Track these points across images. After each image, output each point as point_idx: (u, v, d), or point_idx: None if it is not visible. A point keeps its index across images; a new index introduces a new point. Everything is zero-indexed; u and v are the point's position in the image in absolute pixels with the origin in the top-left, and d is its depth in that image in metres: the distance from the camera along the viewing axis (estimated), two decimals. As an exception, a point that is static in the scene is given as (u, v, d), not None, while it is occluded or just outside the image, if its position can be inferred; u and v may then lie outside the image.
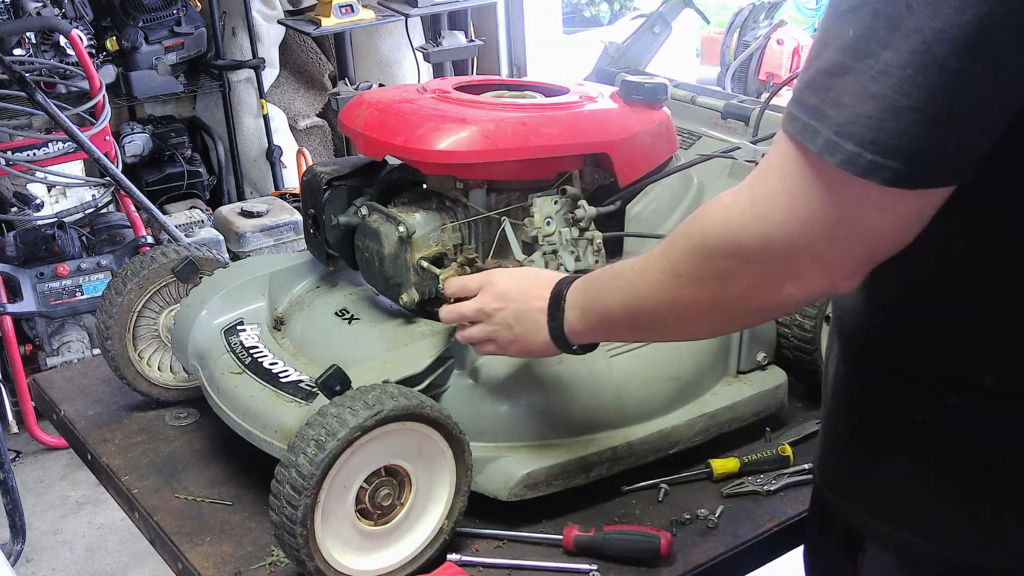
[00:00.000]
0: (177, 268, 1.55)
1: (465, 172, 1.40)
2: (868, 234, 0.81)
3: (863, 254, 0.83)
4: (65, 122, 3.18)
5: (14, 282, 3.25)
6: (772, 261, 0.84)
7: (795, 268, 0.84)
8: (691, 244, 0.91)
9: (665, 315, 0.99)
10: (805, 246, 0.82)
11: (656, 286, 0.97)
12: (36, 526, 3.09)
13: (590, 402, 1.36)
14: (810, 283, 0.84)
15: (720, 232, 0.87)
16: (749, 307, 0.90)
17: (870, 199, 0.78)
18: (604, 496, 1.37)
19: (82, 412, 1.64)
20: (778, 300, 0.87)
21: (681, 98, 1.74)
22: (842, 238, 0.81)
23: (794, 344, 1.52)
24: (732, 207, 0.86)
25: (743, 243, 0.85)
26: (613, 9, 7.91)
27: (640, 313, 1.02)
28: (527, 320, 1.18)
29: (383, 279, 1.40)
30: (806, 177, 0.80)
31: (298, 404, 1.29)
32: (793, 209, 0.81)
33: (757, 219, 0.84)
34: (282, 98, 4.54)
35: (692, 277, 0.92)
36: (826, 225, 0.81)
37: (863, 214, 0.79)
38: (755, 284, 0.86)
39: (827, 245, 0.81)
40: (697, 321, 0.97)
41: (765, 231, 0.83)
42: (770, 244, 0.83)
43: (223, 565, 1.28)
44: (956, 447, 0.94)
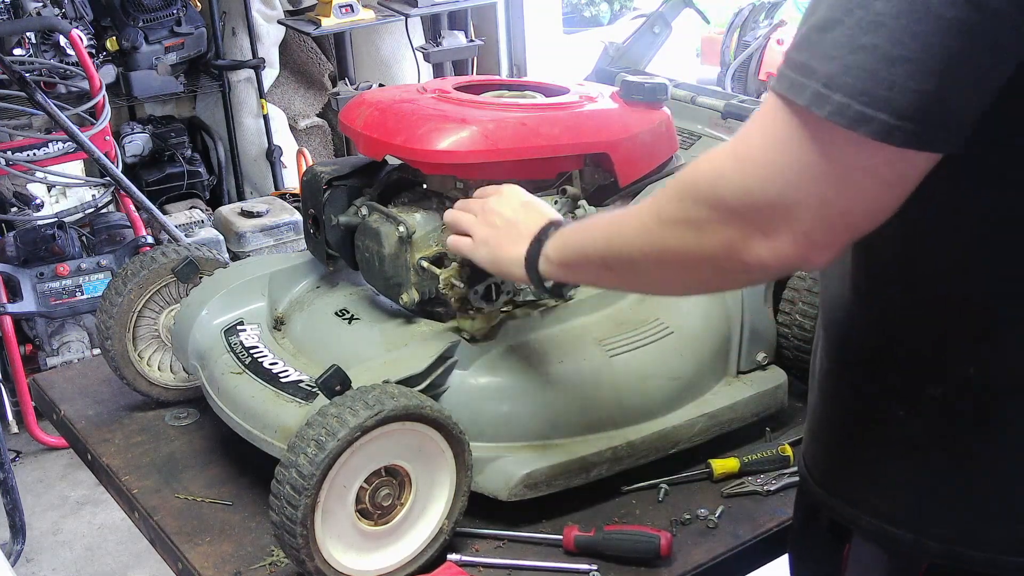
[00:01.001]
0: (177, 268, 1.55)
1: (465, 172, 1.40)
2: (848, 197, 0.79)
3: (840, 221, 0.81)
4: (65, 122, 3.18)
5: (14, 282, 3.25)
6: (748, 216, 0.83)
7: (770, 226, 0.82)
8: (676, 190, 0.91)
9: (639, 260, 0.97)
10: (783, 203, 0.80)
11: (637, 227, 0.96)
12: (36, 526, 3.09)
13: (590, 402, 1.36)
14: (782, 246, 0.82)
15: (703, 181, 0.87)
16: (718, 264, 0.88)
17: (855, 155, 0.77)
18: (604, 496, 1.37)
19: (82, 412, 1.64)
20: (747, 261, 0.84)
21: (681, 98, 1.74)
22: (821, 199, 0.79)
23: (794, 344, 1.52)
24: (717, 158, 0.86)
25: (723, 194, 0.84)
26: (613, 9, 7.91)
27: (615, 252, 1.01)
28: (512, 231, 1.18)
29: (383, 279, 1.40)
30: (792, 132, 0.79)
31: (298, 404, 1.29)
32: (775, 164, 0.80)
33: (738, 172, 0.83)
34: (282, 98, 4.53)
35: (671, 223, 0.90)
36: (807, 182, 0.79)
37: (846, 172, 0.78)
38: (728, 239, 0.85)
39: (805, 205, 0.80)
40: (668, 271, 0.96)
41: (745, 184, 0.82)
42: (748, 197, 0.82)
43: (223, 565, 1.28)
44: (932, 438, 0.94)
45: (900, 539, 0.97)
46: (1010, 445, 0.91)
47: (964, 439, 0.93)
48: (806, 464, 1.10)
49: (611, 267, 1.04)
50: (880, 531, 0.99)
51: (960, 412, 0.92)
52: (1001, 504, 0.93)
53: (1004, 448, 0.92)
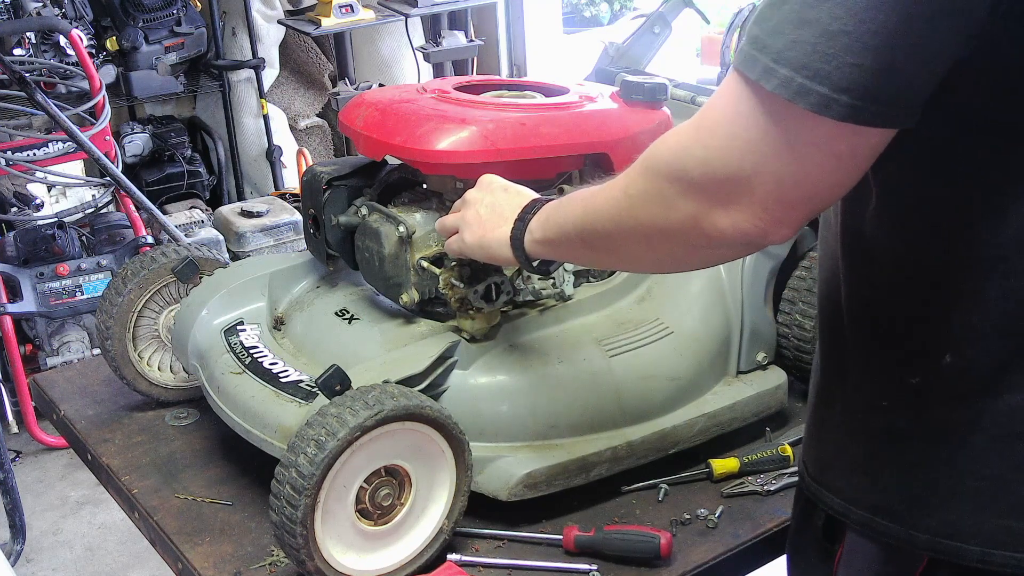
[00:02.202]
0: (177, 268, 1.55)
1: (465, 172, 1.40)
2: (799, 170, 0.81)
3: (795, 194, 0.82)
4: (65, 122, 3.18)
5: (14, 282, 3.25)
6: (709, 188, 0.85)
7: (729, 199, 0.84)
8: (643, 166, 0.93)
9: (613, 234, 0.99)
10: (741, 175, 0.82)
11: (610, 203, 0.98)
12: (36, 526, 3.09)
13: (590, 402, 1.36)
14: (741, 218, 0.84)
15: (667, 156, 0.89)
16: (685, 237, 0.90)
17: (801, 129, 0.79)
18: (604, 496, 1.37)
19: (82, 412, 1.64)
20: (709, 234, 0.86)
21: (681, 98, 1.74)
22: (775, 171, 0.81)
23: (794, 344, 1.52)
24: (681, 132, 0.88)
25: (685, 167, 0.86)
26: (613, 9, 7.91)
27: (591, 229, 1.03)
28: (497, 214, 1.20)
29: (383, 279, 1.40)
30: (747, 106, 0.81)
31: (298, 404, 1.29)
32: (733, 137, 0.82)
33: (699, 144, 0.85)
34: (282, 98, 4.54)
35: (640, 198, 0.93)
36: (761, 155, 0.81)
37: (795, 146, 0.80)
38: (692, 212, 0.86)
39: (760, 177, 0.81)
40: (639, 246, 0.98)
41: (706, 156, 0.84)
42: (709, 170, 0.84)
43: (223, 565, 1.28)
44: (916, 429, 0.95)
45: (891, 533, 0.97)
46: (994, 436, 0.91)
47: (947, 429, 0.93)
48: (804, 460, 1.10)
49: (589, 243, 1.05)
50: (871, 524, 0.98)
51: (941, 401, 0.93)
52: (989, 496, 0.92)
53: (988, 439, 0.91)
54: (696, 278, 1.47)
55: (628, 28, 2.08)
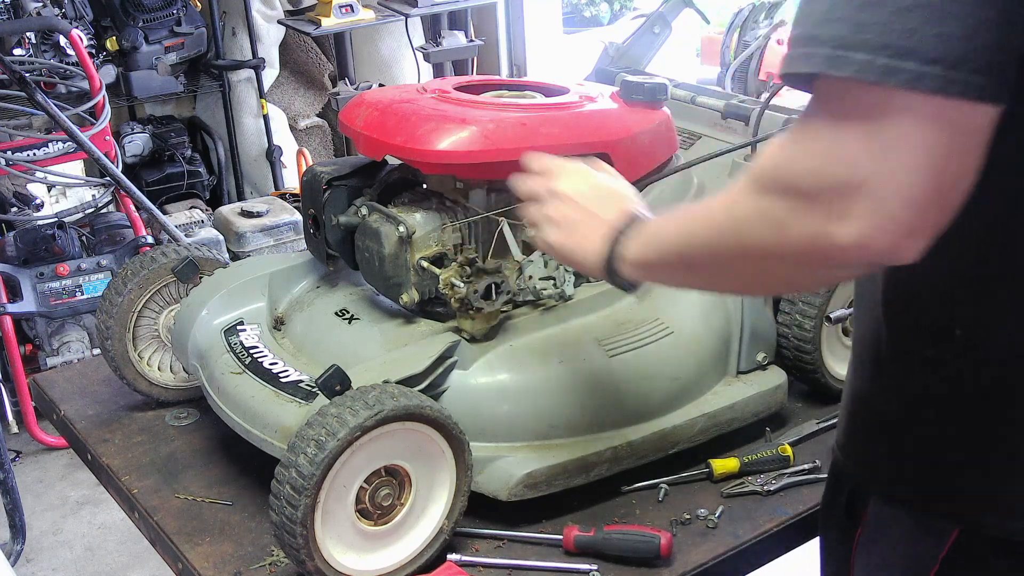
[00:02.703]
0: (177, 268, 1.55)
1: (465, 172, 1.40)
2: (908, 164, 0.74)
3: (917, 194, 0.75)
4: (65, 122, 3.18)
5: (14, 282, 3.25)
6: (824, 198, 0.78)
7: (848, 207, 0.76)
8: (748, 184, 0.86)
9: (717, 257, 0.93)
10: (853, 180, 0.76)
11: (713, 225, 0.91)
12: (36, 526, 3.09)
13: (590, 402, 1.36)
14: (866, 229, 0.76)
15: (773, 170, 0.83)
16: (803, 259, 0.83)
17: (899, 113, 0.74)
18: (604, 496, 1.37)
19: (82, 412, 1.63)
20: (828, 253, 0.79)
21: (681, 98, 1.74)
22: (886, 169, 0.75)
23: (794, 344, 1.52)
24: (784, 145, 0.82)
25: (794, 180, 0.80)
26: (613, 9, 7.91)
27: (693, 251, 0.96)
28: (589, 226, 1.11)
29: (383, 279, 1.40)
30: (841, 105, 0.77)
31: (298, 404, 1.29)
32: (841, 143, 0.77)
33: (806, 153, 0.79)
34: (282, 98, 4.54)
35: (747, 220, 0.86)
36: (866, 153, 0.75)
37: (894, 136, 0.74)
38: (810, 231, 0.79)
39: (875, 178, 0.75)
40: (750, 270, 0.91)
41: (814, 165, 0.78)
42: (818, 179, 0.78)
43: (223, 565, 1.28)
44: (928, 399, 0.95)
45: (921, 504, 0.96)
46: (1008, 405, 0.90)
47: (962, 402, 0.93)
48: (837, 444, 1.08)
49: (691, 268, 0.99)
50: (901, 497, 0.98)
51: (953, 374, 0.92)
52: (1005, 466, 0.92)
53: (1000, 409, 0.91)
54: (696, 278, 1.47)
55: (628, 28, 2.08)
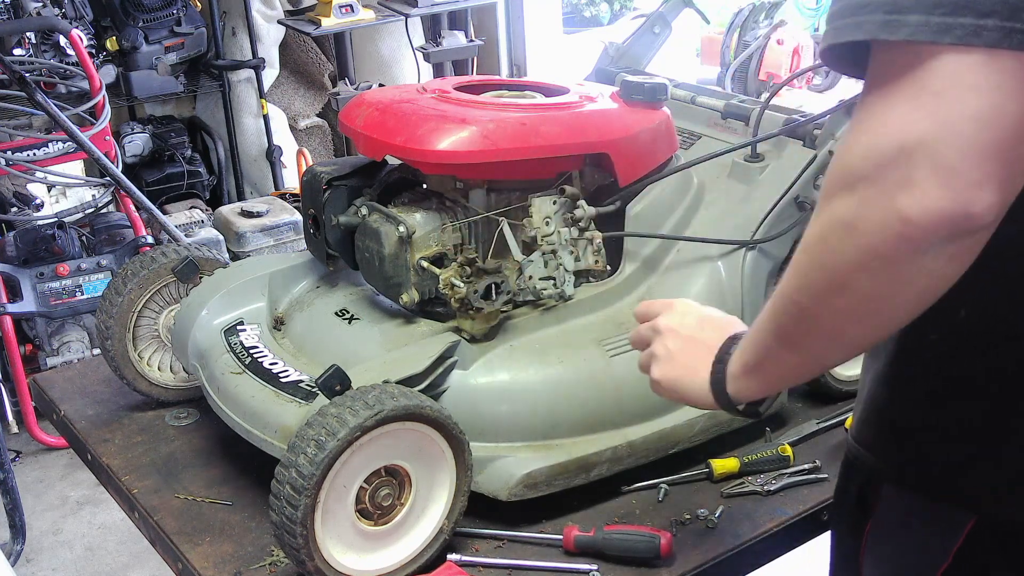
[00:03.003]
0: (177, 268, 1.55)
1: (465, 172, 1.40)
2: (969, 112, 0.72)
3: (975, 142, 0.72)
4: (65, 122, 3.18)
5: (14, 282, 3.25)
6: (880, 177, 0.74)
7: (906, 178, 0.73)
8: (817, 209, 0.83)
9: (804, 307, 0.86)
10: (908, 145, 0.73)
11: (791, 278, 0.86)
12: (36, 526, 3.09)
13: (590, 402, 1.36)
14: (929, 195, 0.72)
15: (834, 169, 0.80)
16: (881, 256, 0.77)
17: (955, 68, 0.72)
18: (604, 496, 1.37)
19: (82, 412, 1.64)
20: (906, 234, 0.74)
21: (681, 98, 1.74)
22: (943, 127, 0.72)
23: (794, 344, 1.52)
24: (843, 140, 0.80)
25: (852, 168, 0.77)
26: (613, 9, 7.92)
27: (783, 317, 0.90)
28: (691, 353, 1.08)
29: (383, 279, 1.40)
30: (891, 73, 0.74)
31: (298, 404, 1.29)
32: (892, 110, 0.74)
33: (863, 134, 0.77)
34: (282, 98, 4.54)
35: (819, 242, 0.81)
36: (921, 115, 0.72)
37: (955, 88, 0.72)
38: (876, 218, 0.75)
39: (930, 139, 0.72)
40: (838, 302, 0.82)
41: (870, 142, 0.76)
42: (873, 155, 0.75)
43: (223, 565, 1.28)
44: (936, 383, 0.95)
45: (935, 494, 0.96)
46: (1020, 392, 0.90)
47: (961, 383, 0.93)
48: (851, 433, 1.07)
49: (788, 341, 0.92)
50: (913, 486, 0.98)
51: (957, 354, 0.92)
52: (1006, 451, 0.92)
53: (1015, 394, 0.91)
54: (696, 278, 1.47)
55: (628, 28, 2.08)
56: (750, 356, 0.99)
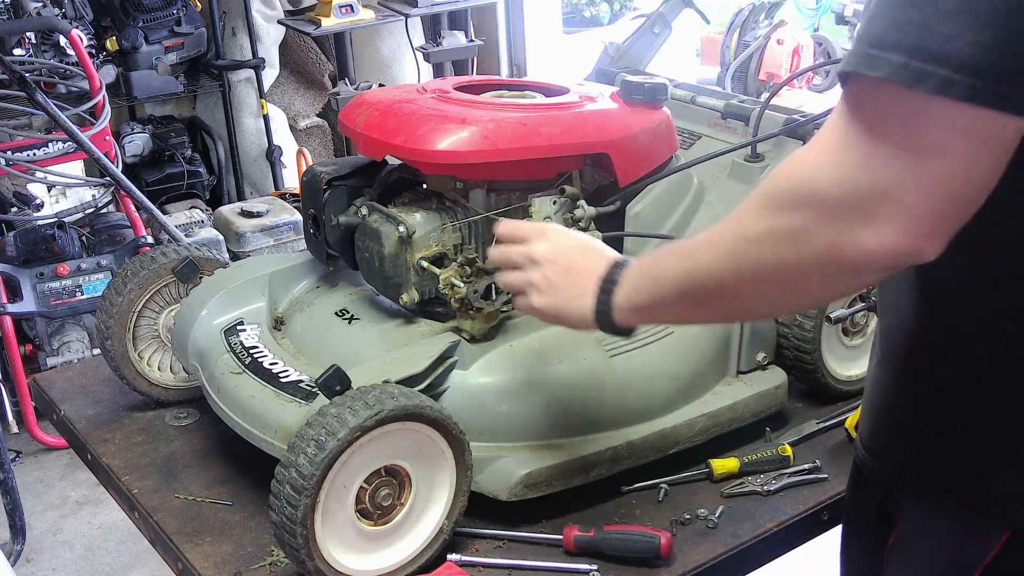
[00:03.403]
0: (177, 268, 1.55)
1: (465, 172, 1.40)
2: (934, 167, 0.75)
3: (939, 198, 0.76)
4: (65, 122, 3.18)
5: (14, 282, 3.25)
6: (847, 206, 0.78)
7: (871, 213, 0.77)
8: (763, 201, 0.86)
9: (727, 285, 0.91)
10: (878, 186, 0.76)
11: (723, 252, 0.90)
12: (36, 526, 3.09)
13: (590, 402, 1.36)
14: (888, 233, 0.77)
15: (792, 183, 0.83)
16: (827, 270, 0.83)
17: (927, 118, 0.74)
18: (604, 496, 1.37)
19: (82, 412, 1.63)
20: (854, 260, 0.80)
21: (681, 98, 1.74)
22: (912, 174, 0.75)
23: (794, 344, 1.52)
24: (804, 157, 0.82)
25: (816, 191, 0.80)
26: (613, 9, 7.92)
27: (699, 284, 0.94)
28: (574, 283, 1.11)
29: (383, 279, 1.40)
30: (864, 108, 0.77)
31: (298, 404, 1.29)
32: (860, 146, 0.77)
33: (831, 163, 0.79)
34: (282, 98, 4.54)
35: (763, 238, 0.85)
36: (892, 157, 0.76)
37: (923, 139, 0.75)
38: (829, 239, 0.80)
39: (899, 184, 0.76)
40: (766, 292, 0.90)
41: (839, 175, 0.78)
42: (843, 188, 0.78)
43: (223, 565, 1.28)
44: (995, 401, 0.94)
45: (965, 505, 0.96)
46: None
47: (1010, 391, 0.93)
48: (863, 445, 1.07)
49: (697, 302, 0.97)
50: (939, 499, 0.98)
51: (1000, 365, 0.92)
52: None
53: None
54: (696, 278, 1.47)
55: (628, 28, 2.08)
56: (644, 299, 1.03)
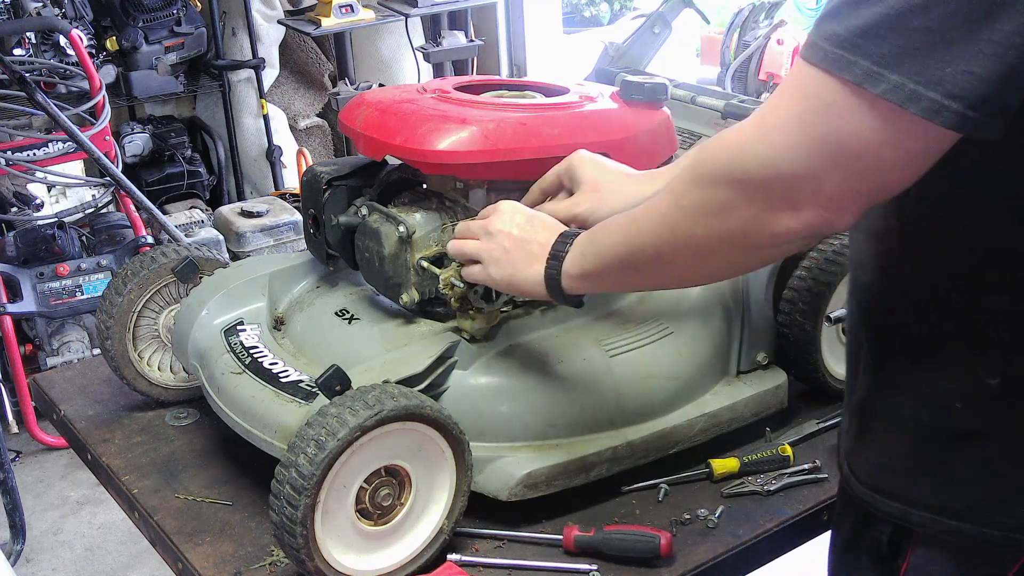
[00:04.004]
0: (177, 268, 1.55)
1: (465, 172, 1.40)
2: (875, 168, 0.80)
3: (864, 188, 0.82)
4: (65, 122, 3.18)
5: (14, 282, 3.25)
6: (773, 188, 0.83)
7: (794, 197, 0.83)
8: (695, 174, 0.90)
9: (665, 254, 0.97)
10: (808, 174, 0.81)
11: (658, 221, 0.96)
12: (36, 526, 3.09)
13: (590, 402, 1.36)
14: (807, 215, 0.83)
15: (723, 159, 0.87)
16: (747, 242, 0.89)
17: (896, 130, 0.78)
18: (604, 496, 1.37)
19: (82, 412, 1.63)
20: (775, 233, 0.86)
21: (681, 98, 1.75)
22: (846, 169, 0.80)
23: (794, 344, 1.52)
24: (738, 134, 0.86)
25: (746, 169, 0.84)
26: (613, 9, 7.92)
27: (638, 251, 1.00)
28: (524, 251, 1.17)
29: (383, 279, 1.40)
30: (832, 105, 0.79)
31: (298, 404, 1.29)
32: (802, 135, 0.81)
33: (763, 143, 0.83)
34: (282, 98, 4.54)
35: (694, 209, 0.90)
36: (836, 153, 0.80)
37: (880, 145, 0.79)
38: (754, 215, 0.85)
39: (830, 175, 0.81)
40: (695, 260, 0.96)
41: (770, 155, 0.83)
42: (773, 169, 0.83)
43: (223, 565, 1.28)
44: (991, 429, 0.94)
45: (960, 532, 0.96)
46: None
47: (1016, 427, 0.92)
48: (850, 467, 1.07)
49: (636, 268, 1.03)
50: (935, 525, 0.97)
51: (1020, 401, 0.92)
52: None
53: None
54: (696, 278, 1.47)
55: (628, 28, 2.08)
56: (590, 266, 1.09)
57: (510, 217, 1.22)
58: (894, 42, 0.76)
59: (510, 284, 1.20)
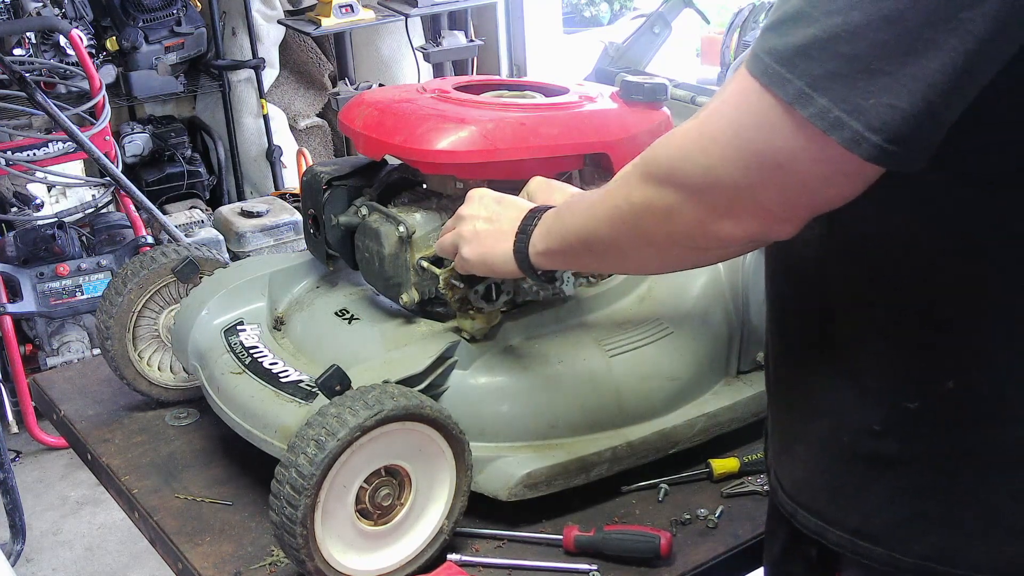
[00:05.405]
0: (177, 268, 1.55)
1: (465, 172, 1.40)
2: (811, 187, 0.80)
3: (801, 203, 0.82)
4: (65, 122, 3.18)
5: (14, 282, 3.26)
6: (712, 196, 0.84)
7: (733, 206, 0.83)
8: (642, 171, 0.91)
9: (619, 241, 0.98)
10: (745, 186, 0.81)
11: (612, 211, 0.97)
12: (36, 526, 3.09)
13: (590, 402, 1.36)
14: (747, 224, 0.84)
15: (667, 161, 0.88)
16: (692, 243, 0.90)
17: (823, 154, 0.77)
18: (604, 496, 1.37)
19: (82, 412, 1.64)
20: (718, 237, 0.86)
21: (681, 98, 1.74)
22: (783, 184, 0.80)
23: (794, 344, 1.52)
24: (682, 138, 0.86)
25: (687, 175, 0.85)
26: (613, 9, 7.92)
27: (595, 237, 1.01)
28: (496, 229, 1.19)
29: (383, 279, 1.40)
30: (766, 120, 0.79)
31: (298, 404, 1.29)
32: (739, 148, 0.80)
33: (703, 152, 0.83)
34: (282, 98, 4.54)
35: (642, 207, 0.91)
36: (771, 168, 0.80)
37: (813, 166, 0.79)
38: (697, 218, 0.86)
39: (766, 190, 0.81)
40: (647, 252, 0.97)
41: (709, 164, 0.83)
42: (712, 178, 0.83)
43: (223, 565, 1.28)
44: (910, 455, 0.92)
45: (873, 556, 0.95)
46: (993, 464, 0.89)
47: (943, 455, 0.91)
48: (776, 475, 1.07)
49: (594, 250, 1.04)
50: (851, 547, 0.96)
51: (939, 428, 0.91)
52: (984, 523, 0.90)
53: (986, 467, 0.90)
54: (696, 278, 1.47)
55: (628, 28, 2.08)
56: (554, 244, 1.11)
57: (479, 200, 1.24)
58: (826, 65, 0.75)
59: (483, 262, 1.21)
